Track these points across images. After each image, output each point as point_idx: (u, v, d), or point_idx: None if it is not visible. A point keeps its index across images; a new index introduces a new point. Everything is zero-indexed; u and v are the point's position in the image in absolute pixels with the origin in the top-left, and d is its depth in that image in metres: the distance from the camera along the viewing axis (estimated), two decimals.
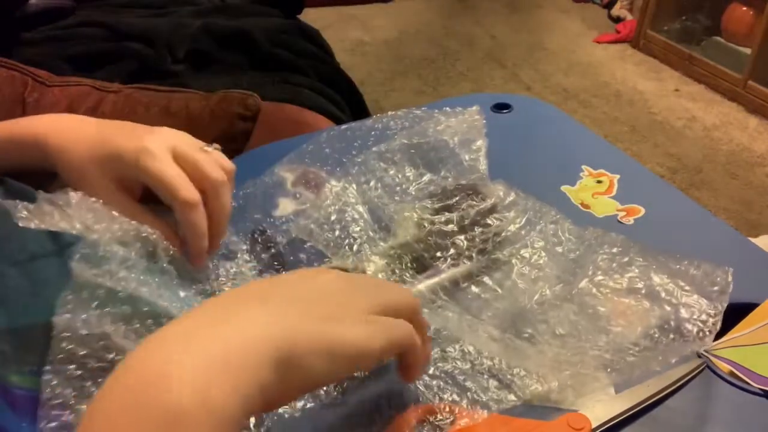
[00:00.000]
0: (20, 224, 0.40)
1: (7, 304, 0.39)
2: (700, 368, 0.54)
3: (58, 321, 0.37)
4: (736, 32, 2.69)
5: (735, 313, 0.58)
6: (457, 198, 0.68)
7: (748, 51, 2.56)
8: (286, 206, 0.71)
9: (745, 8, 2.67)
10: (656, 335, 0.56)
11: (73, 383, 0.37)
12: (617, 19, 3.33)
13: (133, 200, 0.53)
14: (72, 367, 0.37)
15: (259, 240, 0.65)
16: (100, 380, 0.37)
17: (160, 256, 0.48)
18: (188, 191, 0.51)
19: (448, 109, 0.82)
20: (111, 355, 0.39)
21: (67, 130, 0.53)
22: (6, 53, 1.05)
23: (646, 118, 2.52)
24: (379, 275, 0.56)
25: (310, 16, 1.66)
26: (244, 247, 0.64)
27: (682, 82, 2.81)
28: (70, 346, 0.37)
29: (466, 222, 0.65)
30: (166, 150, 0.52)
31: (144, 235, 0.48)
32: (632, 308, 0.59)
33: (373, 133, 0.80)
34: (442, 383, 0.51)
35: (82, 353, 0.38)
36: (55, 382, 0.36)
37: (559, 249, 0.66)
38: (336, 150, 0.78)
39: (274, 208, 0.70)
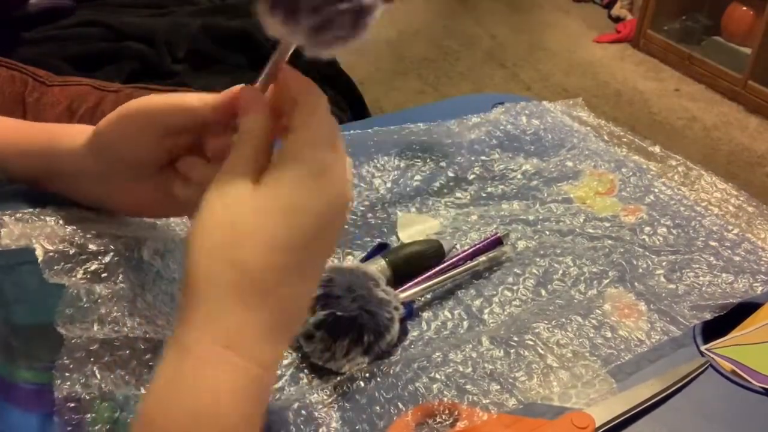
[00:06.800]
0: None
1: (22, 302, 0.39)
2: (703, 367, 0.54)
3: (58, 393, 0.38)
4: (736, 32, 2.69)
5: (738, 313, 0.58)
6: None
7: (748, 51, 2.56)
8: None
9: (745, 8, 2.67)
10: (659, 335, 0.56)
11: None
12: (617, 19, 3.33)
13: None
14: None
15: None
16: None
17: (148, 259, 0.47)
18: None
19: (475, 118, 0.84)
20: (116, 414, 0.39)
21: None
22: (6, 53, 1.05)
23: (647, 118, 2.52)
24: (381, 277, 0.56)
25: None
26: None
27: (682, 82, 2.81)
28: (76, 416, 0.38)
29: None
30: None
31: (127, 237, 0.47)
32: (635, 307, 0.59)
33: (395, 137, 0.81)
34: (442, 386, 0.51)
35: (89, 420, 0.38)
36: None
37: (559, 250, 0.66)
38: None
39: None
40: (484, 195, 0.74)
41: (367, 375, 0.52)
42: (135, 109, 0.44)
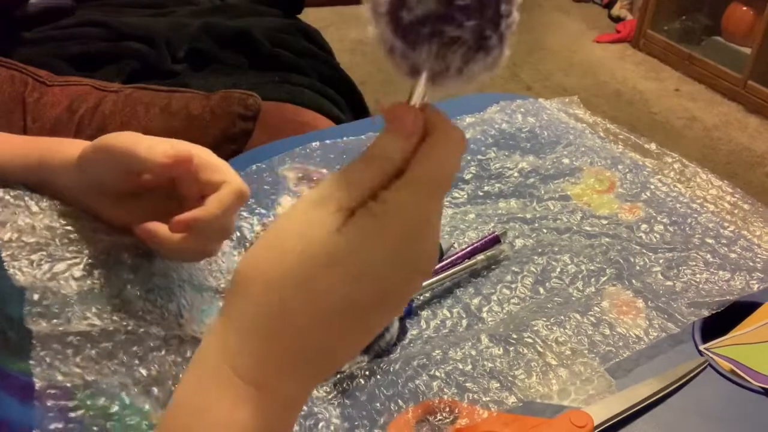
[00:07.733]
0: None
1: (15, 295, 0.39)
2: (702, 366, 0.54)
3: (38, 380, 0.37)
4: (736, 32, 2.69)
5: (737, 312, 0.58)
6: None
7: (748, 51, 2.56)
8: (288, 205, 0.71)
9: (745, 8, 2.67)
10: (657, 332, 0.57)
11: None
12: (617, 19, 3.33)
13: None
14: (60, 425, 0.36)
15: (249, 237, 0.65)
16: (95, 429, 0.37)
17: (129, 259, 0.47)
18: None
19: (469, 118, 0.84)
20: (101, 401, 0.38)
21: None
22: (6, 53, 1.05)
23: (646, 118, 2.52)
24: None
25: (310, 16, 1.66)
26: (231, 244, 0.64)
27: (682, 82, 2.81)
28: (60, 403, 0.37)
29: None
30: None
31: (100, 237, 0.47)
32: (633, 304, 0.59)
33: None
34: (442, 383, 0.51)
35: (71, 406, 0.37)
36: None
37: (557, 248, 0.67)
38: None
39: (276, 205, 0.70)
40: (481, 194, 0.74)
41: (367, 372, 0.52)
42: (102, 144, 0.45)
